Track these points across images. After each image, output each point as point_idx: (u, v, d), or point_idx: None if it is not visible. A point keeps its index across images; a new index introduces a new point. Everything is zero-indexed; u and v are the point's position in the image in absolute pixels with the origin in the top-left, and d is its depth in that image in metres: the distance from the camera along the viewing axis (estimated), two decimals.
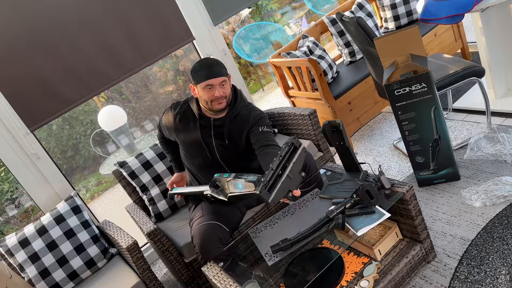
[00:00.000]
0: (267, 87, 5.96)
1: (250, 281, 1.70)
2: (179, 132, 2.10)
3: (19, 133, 2.54)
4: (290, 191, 1.57)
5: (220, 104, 1.96)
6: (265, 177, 1.55)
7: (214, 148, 2.05)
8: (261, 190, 1.52)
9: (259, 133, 1.99)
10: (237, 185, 1.74)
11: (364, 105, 3.08)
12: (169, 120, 2.13)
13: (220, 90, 1.93)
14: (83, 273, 2.34)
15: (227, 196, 1.80)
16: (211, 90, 1.93)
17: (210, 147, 2.06)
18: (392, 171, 2.65)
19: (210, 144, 2.05)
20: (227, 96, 1.97)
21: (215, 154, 2.06)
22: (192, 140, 2.07)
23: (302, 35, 3.30)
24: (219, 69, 1.93)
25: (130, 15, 2.78)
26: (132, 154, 3.12)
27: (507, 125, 2.47)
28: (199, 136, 2.04)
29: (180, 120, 2.09)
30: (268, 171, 1.56)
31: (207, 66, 1.92)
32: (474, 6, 2.15)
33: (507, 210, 1.95)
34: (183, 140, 2.11)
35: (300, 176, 1.62)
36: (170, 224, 2.41)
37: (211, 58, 1.99)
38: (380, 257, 1.87)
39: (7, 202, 5.12)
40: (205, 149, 2.06)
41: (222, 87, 1.94)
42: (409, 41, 2.04)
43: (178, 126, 2.09)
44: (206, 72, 1.91)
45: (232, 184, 1.76)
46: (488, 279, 1.70)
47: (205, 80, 1.91)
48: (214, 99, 1.94)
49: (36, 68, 2.55)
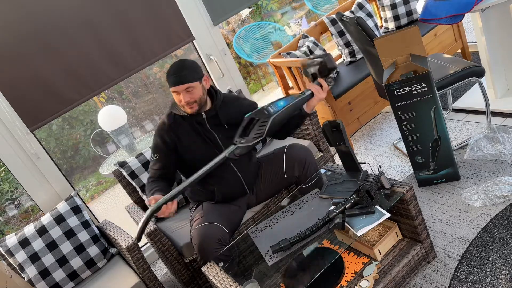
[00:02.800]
0: (267, 87, 5.96)
1: (250, 281, 1.70)
2: (179, 142, 2.04)
3: (19, 133, 2.54)
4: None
5: (191, 108, 1.95)
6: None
7: (218, 140, 2.05)
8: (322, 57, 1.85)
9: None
10: (276, 104, 1.80)
11: (364, 105, 3.08)
12: (163, 139, 2.03)
13: (186, 96, 1.91)
14: (83, 273, 2.34)
15: (271, 117, 1.76)
16: (178, 96, 1.93)
17: (214, 141, 2.05)
18: (392, 171, 2.65)
19: (213, 139, 2.05)
20: (196, 100, 1.94)
21: (220, 146, 2.05)
22: (194, 141, 2.05)
23: (302, 35, 3.30)
24: (183, 76, 1.89)
25: (130, 15, 2.78)
26: (132, 154, 3.12)
27: (507, 125, 2.47)
28: (200, 133, 2.04)
29: (174, 130, 2.03)
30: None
31: (172, 72, 1.90)
32: (474, 6, 2.15)
33: (507, 210, 1.95)
34: (187, 147, 2.04)
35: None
36: (170, 224, 2.41)
37: (182, 62, 1.93)
38: (380, 257, 1.87)
39: (7, 202, 5.12)
40: (211, 145, 2.04)
41: (188, 92, 1.91)
42: (409, 41, 2.04)
43: (176, 137, 2.03)
44: (171, 79, 1.90)
45: (272, 106, 1.80)
46: (488, 279, 1.70)
47: (171, 86, 1.92)
48: (184, 104, 1.94)
49: (36, 68, 2.55)
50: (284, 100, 1.84)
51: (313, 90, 1.92)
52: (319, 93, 1.92)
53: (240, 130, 1.81)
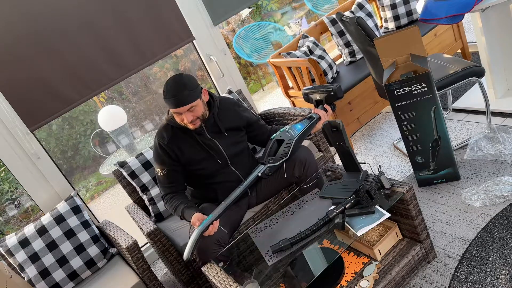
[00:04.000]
0: (267, 87, 5.96)
1: (250, 281, 1.70)
2: (182, 154, 2.02)
3: (19, 133, 2.54)
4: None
5: (194, 125, 1.94)
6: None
7: (220, 148, 2.04)
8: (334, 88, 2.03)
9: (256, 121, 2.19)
10: (295, 127, 1.99)
11: (364, 105, 3.08)
12: (167, 154, 2.01)
13: (189, 116, 1.89)
14: (83, 273, 2.34)
15: (294, 139, 1.96)
16: (179, 116, 1.92)
17: (216, 149, 2.04)
18: (392, 171, 2.65)
19: (215, 147, 2.04)
20: (199, 116, 1.93)
21: (222, 154, 2.05)
22: (196, 152, 2.03)
23: (302, 35, 3.30)
24: (185, 96, 1.85)
25: (130, 15, 2.78)
26: (132, 154, 3.12)
27: (507, 125, 2.47)
28: (200, 143, 2.02)
29: (176, 143, 2.01)
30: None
31: (172, 94, 1.85)
32: (474, 6, 2.15)
33: (507, 210, 1.95)
34: (189, 158, 2.02)
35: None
36: (170, 224, 2.41)
37: (177, 82, 1.88)
38: (380, 257, 1.87)
39: (7, 202, 5.12)
40: (212, 154, 2.04)
41: (190, 111, 1.90)
42: (409, 41, 2.04)
43: (178, 150, 2.01)
44: (172, 101, 1.86)
45: (292, 129, 1.98)
46: (488, 279, 1.70)
47: (172, 108, 1.89)
48: (187, 123, 1.92)
49: (36, 68, 2.55)
50: (300, 123, 2.04)
51: (320, 115, 2.09)
52: (324, 118, 2.09)
53: (267, 150, 1.96)
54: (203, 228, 1.76)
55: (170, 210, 2.02)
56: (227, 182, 2.09)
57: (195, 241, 1.73)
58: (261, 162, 1.93)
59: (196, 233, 1.74)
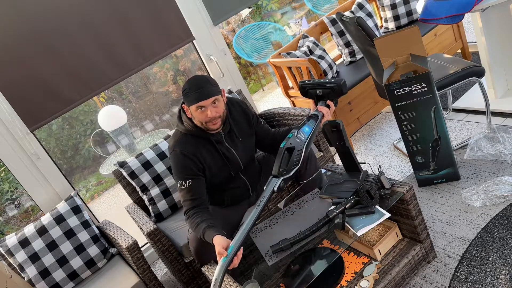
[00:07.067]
0: (267, 87, 5.96)
1: (250, 281, 1.70)
2: (205, 163, 1.96)
3: (19, 133, 2.54)
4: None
5: (215, 124, 1.90)
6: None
7: (237, 157, 2.03)
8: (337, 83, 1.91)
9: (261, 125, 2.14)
10: (303, 131, 1.88)
11: (364, 105, 3.08)
12: (193, 162, 1.93)
13: (212, 111, 1.85)
14: (83, 273, 2.34)
15: (305, 143, 1.83)
16: (203, 112, 1.85)
17: (232, 159, 2.02)
18: (392, 171, 2.65)
19: (231, 156, 2.01)
20: (221, 115, 1.90)
21: (238, 163, 2.04)
22: (215, 162, 1.99)
23: (302, 35, 3.30)
24: (209, 89, 1.83)
25: (130, 15, 2.78)
26: (132, 154, 3.12)
27: (507, 125, 2.47)
28: (219, 152, 1.99)
29: (199, 151, 1.95)
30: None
31: (196, 88, 1.83)
32: (474, 6, 2.15)
33: (507, 210, 1.95)
34: (210, 168, 1.98)
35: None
36: (170, 224, 2.41)
37: (200, 77, 1.88)
38: (380, 257, 1.87)
39: (7, 202, 5.12)
40: (226, 163, 2.01)
41: (214, 107, 1.86)
42: (409, 41, 2.04)
43: (202, 159, 1.95)
44: (195, 95, 1.83)
45: (300, 134, 1.86)
46: (488, 279, 1.70)
47: (196, 102, 1.83)
48: (208, 120, 1.87)
49: (36, 68, 2.55)
50: (307, 125, 1.90)
51: (324, 112, 1.96)
52: (328, 115, 1.97)
53: (280, 161, 1.79)
54: (228, 262, 1.61)
55: (191, 228, 1.89)
56: (236, 188, 2.10)
57: (220, 277, 1.58)
58: (274, 176, 1.78)
59: (220, 267, 1.59)
